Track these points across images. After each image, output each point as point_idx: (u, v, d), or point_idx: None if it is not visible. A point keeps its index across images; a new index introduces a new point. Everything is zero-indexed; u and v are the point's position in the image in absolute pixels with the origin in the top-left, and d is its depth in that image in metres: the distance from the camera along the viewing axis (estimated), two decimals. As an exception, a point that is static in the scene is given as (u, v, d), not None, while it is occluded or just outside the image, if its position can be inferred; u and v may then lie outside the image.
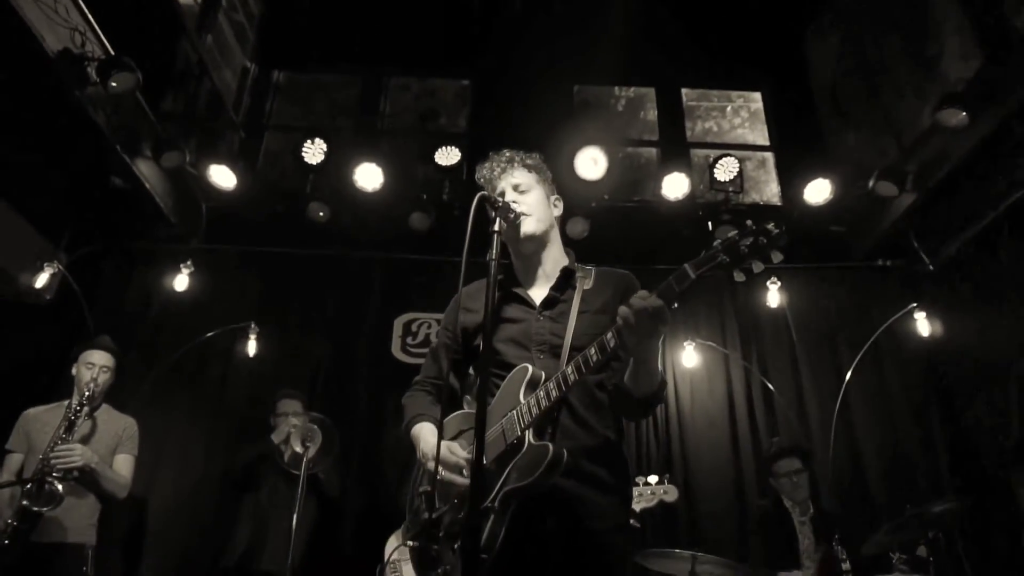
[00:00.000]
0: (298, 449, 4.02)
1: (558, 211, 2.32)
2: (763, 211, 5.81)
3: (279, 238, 5.45)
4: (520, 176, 2.24)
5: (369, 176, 5.08)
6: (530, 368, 2.00)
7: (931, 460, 4.94)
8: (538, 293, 2.20)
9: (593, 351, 1.86)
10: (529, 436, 1.91)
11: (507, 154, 2.28)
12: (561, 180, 5.04)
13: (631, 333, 1.77)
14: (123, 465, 3.83)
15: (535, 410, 1.91)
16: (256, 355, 5.05)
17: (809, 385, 5.30)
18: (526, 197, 2.20)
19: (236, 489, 4.40)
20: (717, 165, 5.24)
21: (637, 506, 3.76)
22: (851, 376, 5.02)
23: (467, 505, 1.66)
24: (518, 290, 2.22)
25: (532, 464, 1.85)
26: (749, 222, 1.69)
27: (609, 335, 1.83)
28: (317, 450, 4.07)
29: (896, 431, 5.09)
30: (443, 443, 1.98)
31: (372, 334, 5.45)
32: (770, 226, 1.66)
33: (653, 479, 3.86)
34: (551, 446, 1.84)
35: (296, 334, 5.29)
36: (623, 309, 1.78)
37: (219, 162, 4.95)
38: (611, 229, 5.36)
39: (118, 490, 3.75)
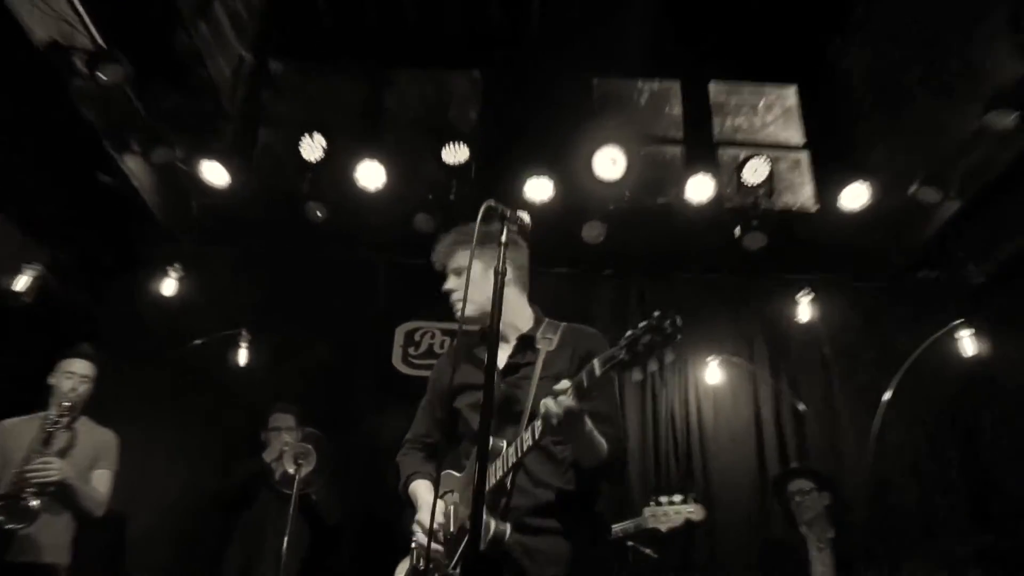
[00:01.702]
0: (290, 469, 4.05)
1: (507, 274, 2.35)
2: (795, 217, 5.77)
3: (274, 239, 5.48)
4: (459, 258, 2.42)
5: (371, 174, 5.09)
6: (491, 440, 2.11)
7: (976, 489, 4.88)
8: (501, 356, 2.31)
9: (527, 436, 2.04)
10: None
11: (451, 237, 2.48)
12: (578, 180, 5.14)
13: (551, 429, 1.95)
14: (101, 481, 3.85)
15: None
16: (247, 365, 5.10)
17: (843, 405, 5.29)
18: (460, 280, 2.35)
19: (226, 509, 4.44)
20: (746, 166, 5.20)
21: (663, 526, 3.79)
22: (890, 395, 4.96)
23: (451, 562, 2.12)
24: (483, 353, 2.31)
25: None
26: (657, 313, 1.76)
27: (538, 423, 2.00)
28: (311, 470, 4.09)
29: (939, 456, 5.04)
30: (427, 504, 2.27)
31: (372, 343, 5.46)
32: (667, 323, 1.74)
33: (677, 498, 3.87)
34: (492, 524, 2.05)
35: (290, 342, 5.31)
36: (544, 403, 1.95)
37: (211, 158, 4.98)
38: (630, 234, 5.34)
39: (95, 507, 3.77)
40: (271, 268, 5.50)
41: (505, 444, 2.12)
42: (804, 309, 5.25)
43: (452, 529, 2.23)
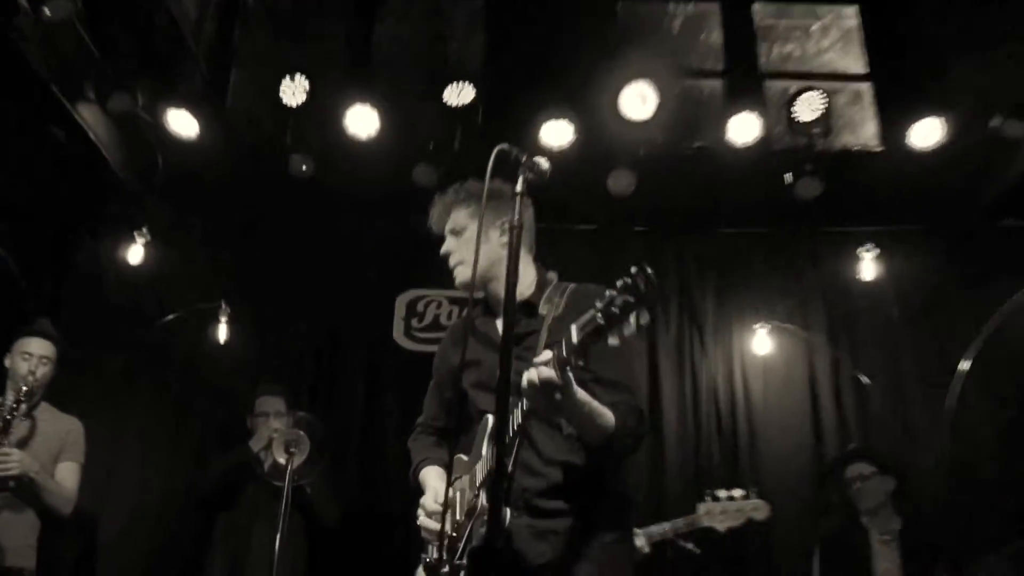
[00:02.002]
0: (280, 459, 4.05)
1: (503, 237, 2.45)
2: (857, 159, 5.68)
3: (254, 197, 5.45)
4: (457, 217, 2.50)
5: (362, 121, 5.05)
6: (491, 418, 2.26)
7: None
8: (500, 327, 2.37)
9: (517, 414, 2.11)
10: (483, 497, 2.19)
11: (447, 197, 2.56)
12: (602, 122, 5.05)
13: (535, 403, 2.01)
14: (67, 474, 3.88)
15: (485, 468, 2.22)
16: (228, 342, 5.09)
17: (913, 377, 5.25)
18: (459, 241, 2.47)
19: (208, 506, 4.47)
20: (798, 100, 5.09)
21: (720, 526, 3.80)
22: (968, 366, 4.90)
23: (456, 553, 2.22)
24: (485, 326, 2.48)
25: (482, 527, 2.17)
26: (633, 270, 1.78)
27: (523, 400, 2.06)
28: (304, 460, 4.09)
29: (1024, 435, 4.99)
30: (433, 488, 2.41)
31: (370, 315, 5.45)
32: (640, 282, 1.76)
33: (737, 492, 3.86)
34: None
35: (276, 316, 5.33)
36: (525, 376, 1.98)
37: (178, 106, 4.94)
38: (663, 183, 5.29)
39: (62, 504, 3.81)
40: (251, 230, 5.50)
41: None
42: (867, 266, 5.20)
43: (459, 516, 2.31)
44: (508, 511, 2.09)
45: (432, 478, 2.49)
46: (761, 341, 5.22)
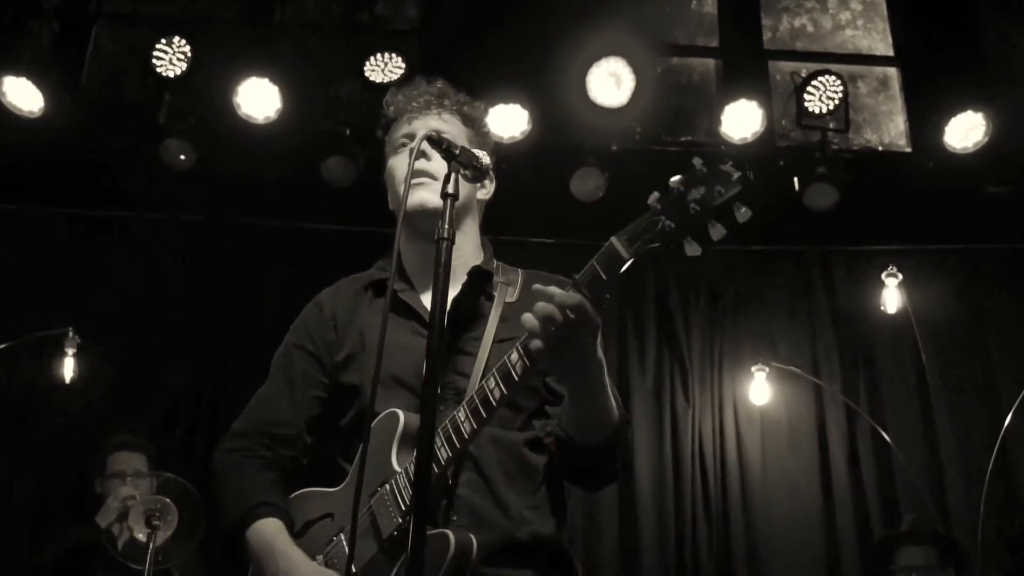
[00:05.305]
0: (139, 535, 3.99)
1: (484, 191, 2.44)
2: (880, 160, 5.79)
3: (115, 195, 5.43)
4: (448, 123, 2.37)
5: (259, 98, 5.09)
6: (401, 416, 2.06)
7: None
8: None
9: (493, 384, 1.94)
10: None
11: (439, 86, 2.46)
12: (565, 107, 5.09)
13: (545, 352, 1.84)
14: None
15: (399, 491, 1.99)
16: (76, 380, 5.03)
17: (947, 433, 5.31)
18: (434, 163, 2.25)
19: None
20: (810, 87, 5.23)
21: None
22: (1012, 420, 4.99)
23: None
24: (407, 296, 2.29)
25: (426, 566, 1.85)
26: (698, 162, 1.75)
27: (514, 356, 1.91)
28: (171, 535, 4.05)
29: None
30: (310, 566, 2.04)
31: (262, 351, 5.33)
32: (727, 166, 1.71)
33: None
34: (451, 535, 1.91)
35: (141, 348, 5.28)
36: (527, 316, 1.85)
37: (17, 72, 4.95)
38: (640, 186, 5.23)
39: None
40: (111, 237, 5.48)
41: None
42: (891, 295, 5.23)
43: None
44: (475, 542, 1.93)
45: (287, 547, 2.07)
46: (759, 387, 5.23)
